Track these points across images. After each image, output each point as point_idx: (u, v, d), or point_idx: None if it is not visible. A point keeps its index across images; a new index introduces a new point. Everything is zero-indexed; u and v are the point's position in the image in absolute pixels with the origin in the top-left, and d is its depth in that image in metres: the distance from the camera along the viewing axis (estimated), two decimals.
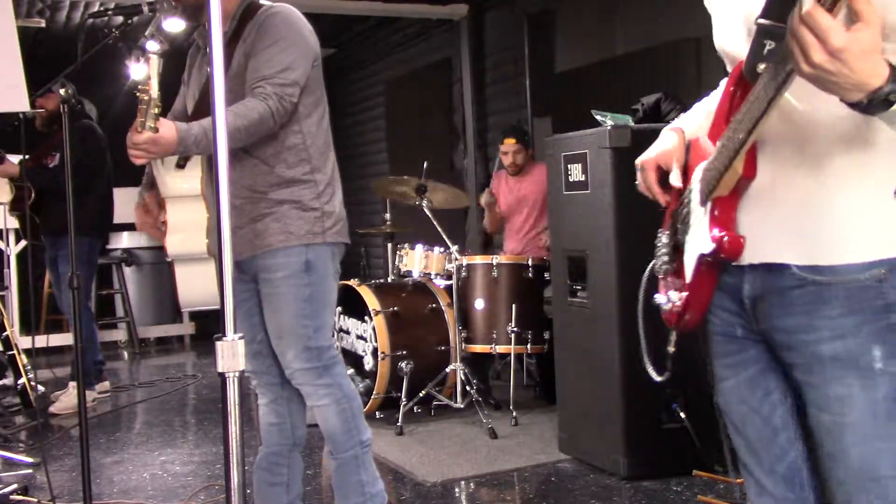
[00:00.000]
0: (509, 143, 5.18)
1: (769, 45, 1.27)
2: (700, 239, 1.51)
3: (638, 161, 1.70)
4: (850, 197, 1.37)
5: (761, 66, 1.28)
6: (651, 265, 1.77)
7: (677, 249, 1.66)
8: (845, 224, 1.38)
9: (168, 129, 2.21)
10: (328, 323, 2.60)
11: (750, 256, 1.46)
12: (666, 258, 1.72)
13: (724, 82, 1.75)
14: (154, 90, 2.14)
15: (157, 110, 2.16)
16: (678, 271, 1.63)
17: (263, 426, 2.65)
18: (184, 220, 2.54)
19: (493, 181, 5.53)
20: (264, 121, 2.36)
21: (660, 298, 1.67)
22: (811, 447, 1.51)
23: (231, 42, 2.46)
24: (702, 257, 1.51)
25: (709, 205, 1.48)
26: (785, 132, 1.41)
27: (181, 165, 2.51)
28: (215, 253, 2.47)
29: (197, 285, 2.57)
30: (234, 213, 2.47)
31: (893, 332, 1.38)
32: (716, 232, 1.45)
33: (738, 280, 1.53)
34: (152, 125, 2.15)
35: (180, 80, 2.76)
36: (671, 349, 1.68)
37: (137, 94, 2.16)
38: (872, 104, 1.16)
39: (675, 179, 1.63)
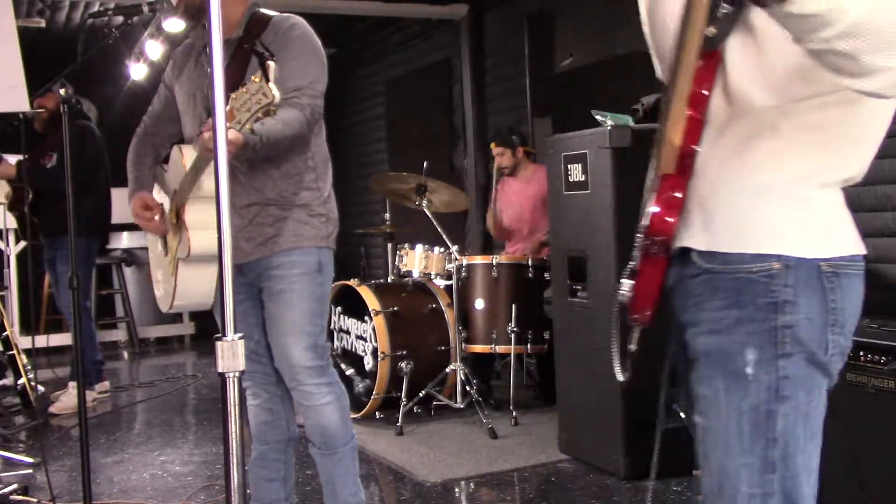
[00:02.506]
0: (493, 148, 5.33)
1: (725, 8, 1.21)
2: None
3: None
4: (758, 185, 1.29)
5: (711, 30, 1.20)
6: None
7: None
8: (745, 211, 1.29)
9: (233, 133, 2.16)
10: (326, 325, 2.67)
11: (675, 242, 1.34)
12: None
13: None
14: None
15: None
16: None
17: (256, 425, 2.69)
18: (207, 220, 2.54)
19: (496, 188, 5.51)
20: (304, 131, 2.41)
21: (623, 286, 1.47)
22: None
23: (241, 48, 2.46)
24: (641, 238, 1.37)
25: (657, 181, 1.34)
26: (722, 109, 1.31)
27: None
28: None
29: (196, 286, 2.58)
30: (240, 216, 2.47)
31: (775, 336, 1.26)
32: (652, 209, 1.31)
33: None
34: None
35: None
36: (632, 347, 1.46)
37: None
38: None
39: None
